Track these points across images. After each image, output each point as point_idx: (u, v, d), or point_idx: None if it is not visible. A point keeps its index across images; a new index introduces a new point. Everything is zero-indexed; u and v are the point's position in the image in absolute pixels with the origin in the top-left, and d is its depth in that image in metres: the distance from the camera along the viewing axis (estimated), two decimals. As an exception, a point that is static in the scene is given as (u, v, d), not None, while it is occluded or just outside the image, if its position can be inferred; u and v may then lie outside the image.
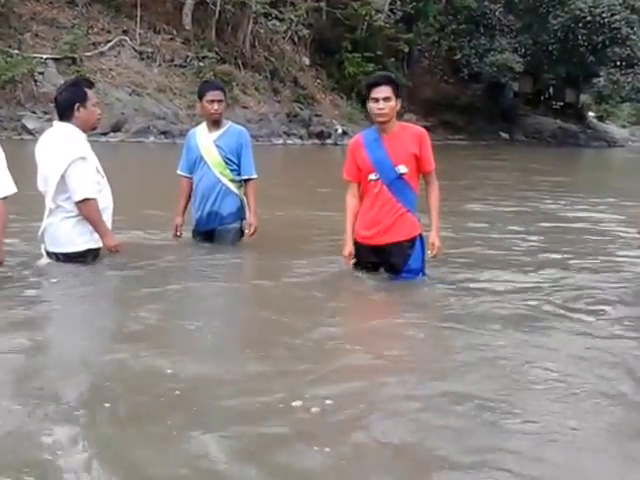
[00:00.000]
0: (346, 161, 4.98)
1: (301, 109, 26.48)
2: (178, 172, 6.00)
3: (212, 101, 5.76)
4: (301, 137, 25.35)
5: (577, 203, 10.41)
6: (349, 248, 4.91)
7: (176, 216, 5.96)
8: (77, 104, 5.03)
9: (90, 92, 5.17)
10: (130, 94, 22.01)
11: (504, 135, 36.51)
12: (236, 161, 5.85)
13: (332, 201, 5.31)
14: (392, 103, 4.74)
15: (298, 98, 26.98)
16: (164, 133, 21.29)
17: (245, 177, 5.87)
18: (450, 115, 34.06)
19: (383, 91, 4.72)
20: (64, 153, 4.95)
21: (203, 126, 5.95)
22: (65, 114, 5.06)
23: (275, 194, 9.07)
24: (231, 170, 5.85)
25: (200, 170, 5.87)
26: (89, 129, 5.15)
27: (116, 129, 20.39)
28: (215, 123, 5.84)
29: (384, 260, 4.91)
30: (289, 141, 24.78)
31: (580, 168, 20.08)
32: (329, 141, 25.57)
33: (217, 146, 5.81)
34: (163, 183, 8.88)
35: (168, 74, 23.69)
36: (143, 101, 21.94)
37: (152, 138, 21.05)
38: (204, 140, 5.88)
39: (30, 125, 18.86)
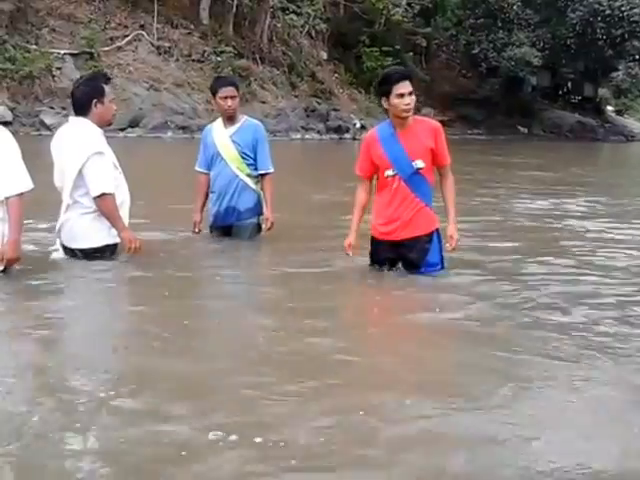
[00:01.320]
0: (359, 157, 4.96)
1: (319, 104, 26.40)
2: (196, 168, 5.98)
3: (225, 97, 5.73)
4: (319, 132, 25.26)
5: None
6: (351, 239, 4.95)
7: (194, 213, 5.94)
8: (95, 100, 5.00)
9: (107, 88, 5.14)
10: (148, 89, 22.00)
11: (522, 129, 36.25)
12: (252, 156, 5.82)
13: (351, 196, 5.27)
14: (414, 97, 4.71)
15: (316, 93, 26.92)
16: (182, 128, 21.27)
17: (262, 172, 5.83)
18: (468, 109, 33.88)
19: (407, 86, 4.69)
20: (81, 148, 4.92)
21: (219, 122, 5.90)
22: (82, 109, 5.03)
23: (293, 189, 9.05)
24: (248, 165, 5.82)
25: (217, 166, 5.85)
26: (105, 125, 5.13)
27: (134, 124, 20.37)
28: (230, 119, 5.79)
29: (402, 256, 4.90)
30: (307, 136, 24.69)
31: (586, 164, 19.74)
32: (347, 135, 25.48)
33: (233, 141, 5.79)
34: (181, 178, 8.89)
35: (186, 69, 23.67)
36: (161, 96, 21.93)
37: (170, 133, 21.04)
38: (220, 136, 5.83)
39: (48, 120, 18.88)
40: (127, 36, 23.22)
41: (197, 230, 5.92)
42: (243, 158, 5.80)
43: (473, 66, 36.39)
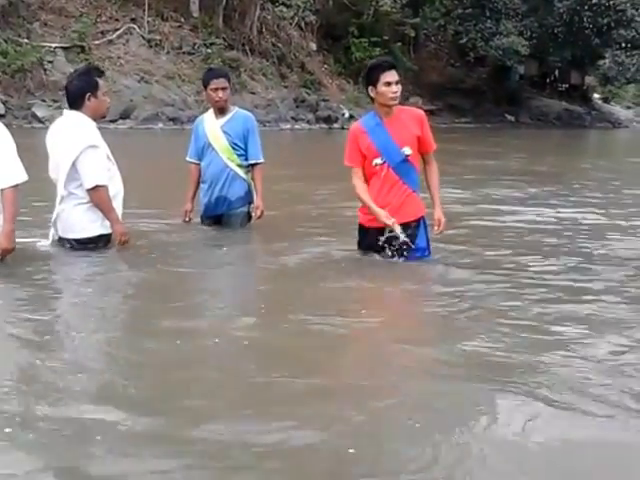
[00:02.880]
0: (347, 148, 5.05)
1: (308, 94, 26.62)
2: (187, 159, 6.12)
3: (216, 89, 5.86)
4: (308, 122, 25.48)
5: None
6: (383, 211, 4.87)
7: (186, 202, 6.07)
8: (88, 93, 5.12)
9: (101, 81, 5.26)
10: (139, 81, 22.21)
11: (510, 118, 36.50)
12: (243, 146, 5.95)
13: (335, 184, 5.44)
14: (400, 86, 4.92)
15: (305, 83, 27.12)
16: (173, 120, 21.49)
17: (252, 162, 6.00)
18: (456, 98, 34.10)
19: (394, 75, 4.85)
20: (75, 141, 5.06)
21: (210, 113, 6.07)
22: (76, 103, 5.12)
23: (282, 178, 9.24)
24: (238, 155, 5.96)
25: (208, 156, 5.99)
26: (99, 118, 5.26)
27: (125, 116, 20.58)
28: (221, 110, 5.95)
29: (389, 242, 5.07)
30: (297, 126, 24.91)
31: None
32: (336, 125, 25.68)
33: (224, 132, 5.92)
34: (172, 169, 9.00)
35: (176, 61, 23.87)
36: (151, 88, 22.15)
37: (161, 125, 21.26)
38: (211, 126, 5.99)
39: (40, 113, 19.10)
40: (118, 29, 23.40)
41: (188, 219, 6.07)
42: (234, 148, 5.93)
43: (461, 56, 36.56)
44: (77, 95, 5.11)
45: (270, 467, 2.27)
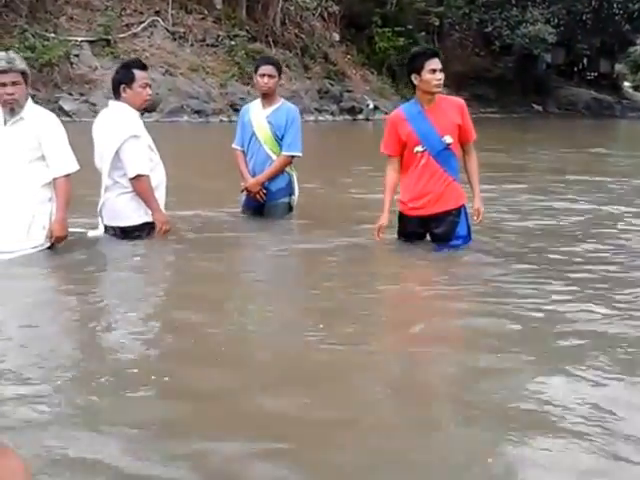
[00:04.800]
0: (385, 136, 5.10)
1: (332, 85, 26.55)
2: (233, 146, 6.21)
3: (263, 75, 5.99)
4: (332, 113, 25.45)
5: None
6: (384, 220, 5.06)
7: (247, 180, 6.06)
8: (123, 85, 5.31)
9: (139, 73, 5.41)
10: (163, 74, 22.29)
11: (537, 107, 36.19)
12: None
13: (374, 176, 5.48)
14: (443, 74, 4.90)
15: (329, 74, 27.03)
16: (197, 112, 21.57)
17: (289, 153, 6.02)
18: (482, 88, 33.86)
19: (438, 63, 4.87)
20: (118, 131, 5.23)
21: (257, 102, 6.18)
22: (115, 93, 5.37)
23: (319, 170, 9.29)
24: (281, 147, 6.03)
25: (252, 147, 6.09)
26: (139, 109, 5.41)
27: (150, 109, 20.67)
28: (266, 97, 6.04)
29: (430, 230, 5.08)
30: (320, 117, 24.89)
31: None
32: (360, 116, 25.64)
33: (269, 122, 6.02)
34: (210, 160, 9.08)
35: (200, 53, 23.93)
36: (176, 81, 22.22)
37: (186, 117, 21.35)
38: (257, 116, 6.09)
39: (67, 107, 19.29)
40: (142, 22, 23.50)
41: (261, 195, 6.04)
42: (276, 140, 6.04)
43: (486, 44, 36.26)
44: (114, 86, 5.36)
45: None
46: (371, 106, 26.00)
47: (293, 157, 6.02)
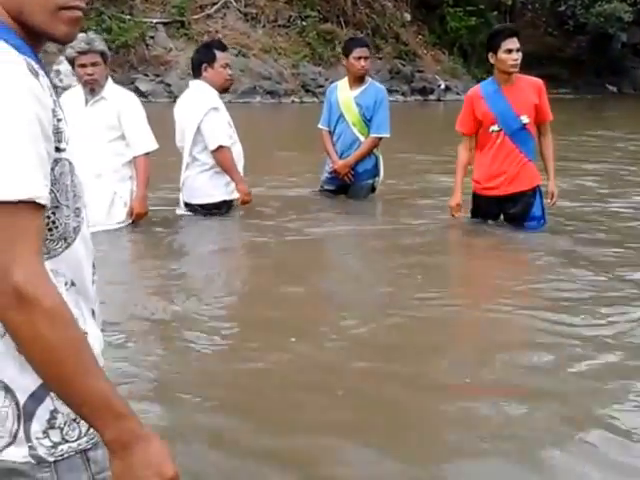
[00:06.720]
0: (461, 113, 5.11)
1: (403, 65, 26.29)
2: (319, 126, 6.26)
3: (359, 58, 5.97)
4: (403, 94, 25.20)
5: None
6: (457, 199, 5.08)
7: (335, 163, 6.13)
8: (205, 64, 5.44)
9: (221, 54, 5.52)
10: (236, 55, 22.39)
11: (611, 88, 35.18)
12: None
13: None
14: (521, 54, 4.87)
15: (400, 54, 26.76)
16: (270, 93, 21.65)
17: (375, 135, 6.02)
18: (554, 68, 33.03)
19: (515, 42, 4.85)
20: (198, 105, 5.36)
21: (344, 81, 6.16)
22: (195, 72, 5.51)
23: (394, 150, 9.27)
24: (369, 128, 6.03)
25: (339, 127, 6.12)
26: (220, 89, 5.50)
27: (226, 90, 20.87)
28: (359, 79, 6.03)
29: (504, 210, 5.06)
30: (391, 98, 24.54)
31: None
32: (432, 97, 25.35)
33: (357, 104, 6.02)
34: (290, 140, 9.15)
35: (272, 34, 23.97)
36: (249, 62, 22.33)
37: (258, 98, 21.43)
38: (345, 97, 6.10)
39: (143, 87, 19.61)
40: (216, 3, 23.65)
41: (349, 177, 6.08)
42: (364, 121, 6.04)
43: (559, 24, 35.37)
44: (195, 65, 5.49)
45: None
46: (443, 87, 25.68)
47: (381, 138, 6.02)
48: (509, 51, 4.85)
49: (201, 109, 5.35)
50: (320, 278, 4.08)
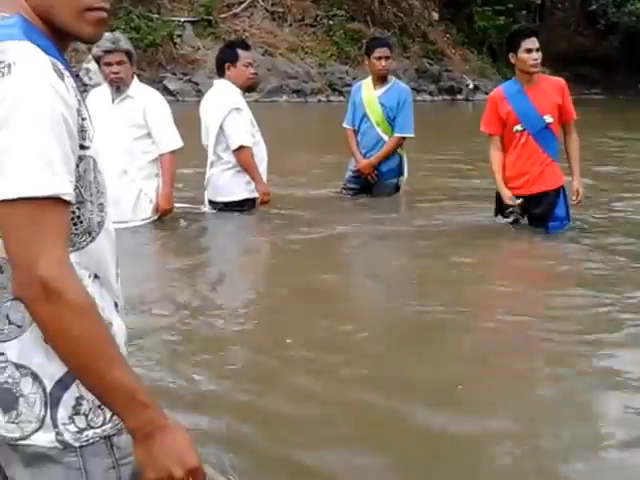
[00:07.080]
0: (485, 114, 5.11)
1: (430, 64, 26.18)
2: (344, 125, 6.25)
3: (380, 58, 5.97)
4: (431, 93, 25.09)
5: None
6: (508, 192, 5.02)
7: (359, 162, 6.11)
8: (227, 63, 5.47)
9: (243, 53, 5.54)
10: (263, 54, 22.46)
11: (644, 89, 34.70)
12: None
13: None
14: (541, 54, 4.84)
15: (427, 54, 26.65)
16: (296, 92, 21.66)
17: (398, 135, 5.99)
18: (585, 69, 32.72)
19: (535, 42, 4.84)
20: (221, 105, 5.38)
21: (369, 81, 6.17)
22: (219, 72, 5.52)
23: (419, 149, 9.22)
24: (393, 128, 6.01)
25: (363, 126, 6.12)
26: (243, 87, 5.51)
27: (251, 89, 20.92)
28: (381, 79, 6.03)
29: (529, 211, 5.02)
30: (418, 97, 24.50)
31: None
32: (460, 97, 25.21)
33: (381, 104, 6.01)
34: (308, 139, 9.17)
35: (299, 33, 23.99)
36: (275, 61, 22.37)
37: (285, 97, 21.46)
38: (369, 96, 6.10)
39: (171, 86, 19.73)
40: (243, 2, 23.72)
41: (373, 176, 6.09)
42: (388, 121, 6.03)
43: (590, 23, 34.99)
44: (219, 64, 5.53)
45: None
46: (471, 86, 25.50)
47: (405, 138, 6.00)
48: (529, 51, 4.84)
49: (223, 109, 5.37)
50: (346, 276, 4.09)
